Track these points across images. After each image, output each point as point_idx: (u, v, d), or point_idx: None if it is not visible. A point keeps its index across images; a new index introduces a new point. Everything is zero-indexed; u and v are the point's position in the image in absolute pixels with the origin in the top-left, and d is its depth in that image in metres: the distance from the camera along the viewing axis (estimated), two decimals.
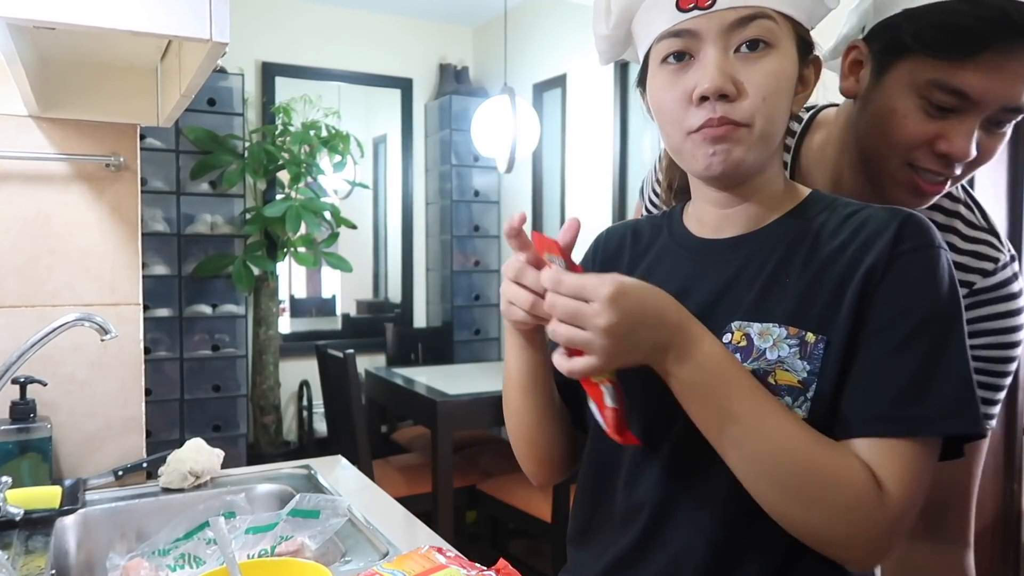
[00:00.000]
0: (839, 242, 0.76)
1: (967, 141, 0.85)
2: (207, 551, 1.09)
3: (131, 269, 1.53)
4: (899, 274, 0.73)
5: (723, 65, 0.74)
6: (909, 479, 0.70)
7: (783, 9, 0.75)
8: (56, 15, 0.84)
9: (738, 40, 0.74)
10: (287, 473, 1.51)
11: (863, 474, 0.70)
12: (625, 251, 0.94)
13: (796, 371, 0.73)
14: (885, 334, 0.72)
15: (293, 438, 4.27)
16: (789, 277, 0.77)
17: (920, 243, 0.74)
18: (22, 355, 1.20)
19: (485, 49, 4.66)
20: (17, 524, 1.18)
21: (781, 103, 0.76)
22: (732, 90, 0.73)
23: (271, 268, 3.89)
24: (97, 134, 1.49)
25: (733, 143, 0.75)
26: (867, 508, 0.69)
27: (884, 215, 0.77)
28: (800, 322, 0.74)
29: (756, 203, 0.82)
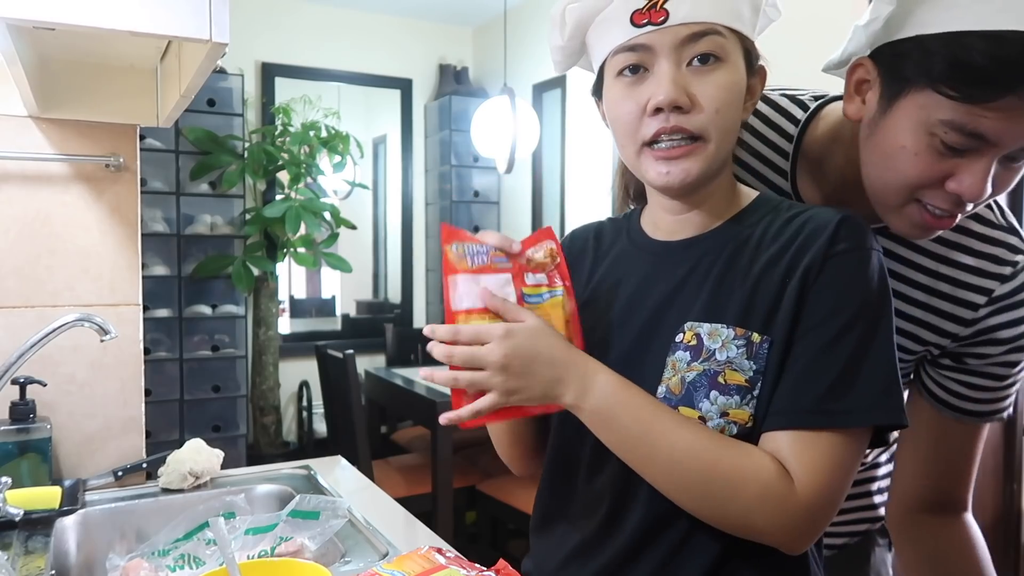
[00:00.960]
0: (781, 244, 0.80)
1: (982, 182, 0.78)
2: (207, 552, 1.09)
3: (131, 270, 1.53)
4: (830, 275, 0.76)
5: (676, 78, 0.77)
6: (823, 469, 0.73)
7: (731, 24, 0.78)
8: (56, 15, 0.84)
9: (690, 54, 0.78)
10: (287, 474, 1.51)
11: (768, 468, 0.74)
12: (588, 253, 0.98)
13: (743, 371, 0.77)
14: (814, 333, 0.76)
15: (293, 439, 4.27)
16: (736, 278, 0.80)
17: (852, 244, 0.77)
18: (22, 355, 1.20)
19: (485, 49, 4.66)
20: (17, 525, 1.18)
21: (732, 114, 0.79)
22: (686, 102, 0.77)
23: (271, 269, 3.89)
24: (97, 134, 1.49)
25: (689, 161, 0.79)
26: (776, 499, 0.73)
27: (824, 216, 0.80)
28: (747, 323, 0.78)
29: (707, 208, 0.86)
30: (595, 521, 0.86)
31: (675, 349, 0.81)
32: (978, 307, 0.95)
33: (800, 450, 0.74)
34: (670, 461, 0.75)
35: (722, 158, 0.81)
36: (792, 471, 0.74)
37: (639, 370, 0.82)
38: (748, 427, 0.77)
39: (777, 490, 0.73)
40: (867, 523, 1.20)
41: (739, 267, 0.81)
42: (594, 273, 0.95)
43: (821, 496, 0.73)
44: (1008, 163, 0.80)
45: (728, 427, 0.77)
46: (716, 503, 0.75)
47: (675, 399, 0.79)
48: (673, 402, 0.79)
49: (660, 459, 0.75)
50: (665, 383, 0.80)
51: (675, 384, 0.79)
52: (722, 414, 0.77)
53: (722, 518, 0.76)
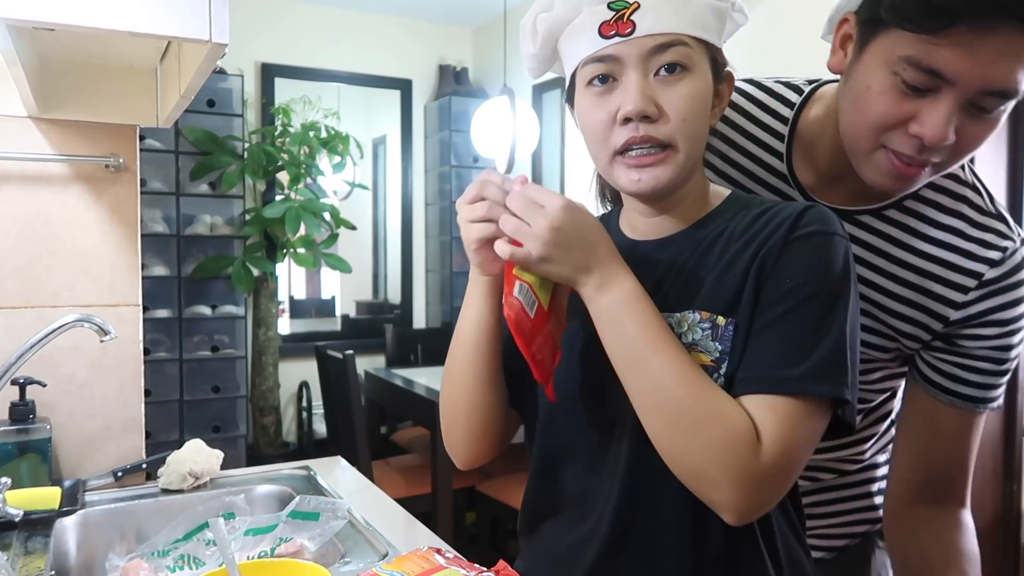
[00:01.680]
0: (749, 236, 0.82)
1: (941, 125, 0.80)
2: (206, 552, 1.09)
3: (130, 270, 1.53)
4: (790, 255, 0.79)
5: (644, 88, 0.79)
6: (784, 434, 0.74)
7: (696, 34, 0.80)
8: (55, 16, 0.84)
9: (657, 64, 0.79)
10: (287, 474, 1.51)
11: (744, 419, 0.75)
12: None
13: (709, 351, 0.80)
14: (772, 307, 0.78)
15: (292, 439, 4.27)
16: (706, 270, 0.83)
17: (815, 228, 0.79)
18: (21, 356, 1.20)
19: (485, 50, 4.67)
20: (16, 525, 1.18)
21: (700, 122, 0.81)
22: (654, 111, 0.79)
23: (270, 269, 3.89)
24: (96, 135, 1.49)
25: (659, 169, 0.81)
26: (741, 449, 0.73)
27: (791, 207, 0.82)
28: (712, 307, 0.80)
29: (680, 209, 0.88)
30: (584, 521, 0.87)
31: None
32: (968, 290, 0.96)
33: (761, 414, 0.75)
34: (658, 378, 0.76)
35: (692, 164, 0.83)
36: (760, 431, 0.75)
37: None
38: None
39: (744, 441, 0.73)
40: (867, 524, 1.20)
41: (710, 260, 0.84)
42: None
43: (780, 461, 0.74)
44: (976, 114, 0.81)
45: None
46: (685, 433, 0.75)
47: None
48: None
49: (649, 373, 0.76)
50: None
51: None
52: None
53: (681, 452, 0.76)
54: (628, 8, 0.79)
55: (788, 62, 2.54)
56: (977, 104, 0.81)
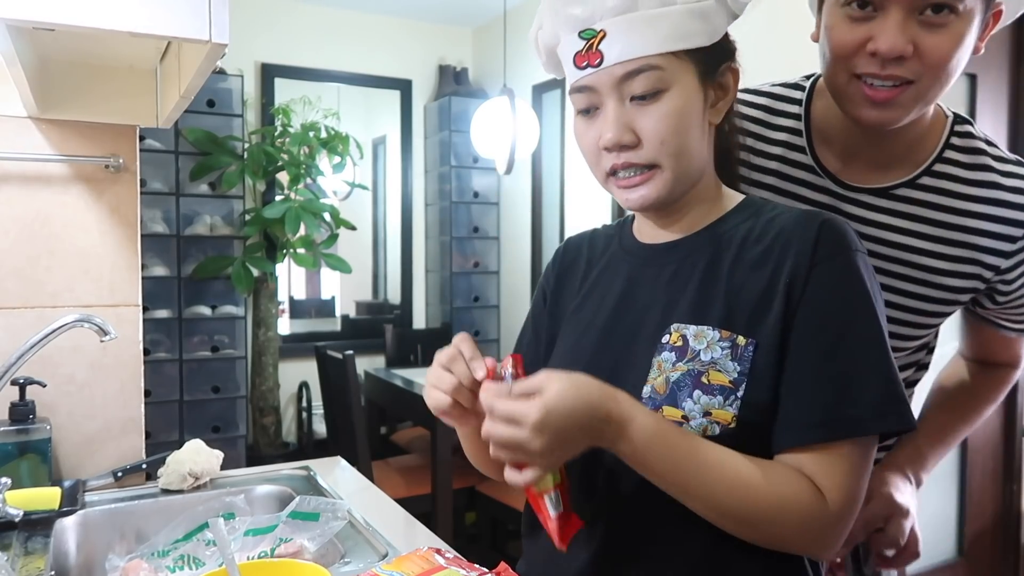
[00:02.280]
0: (763, 246, 0.82)
1: (893, 35, 0.86)
2: (206, 552, 1.09)
3: (130, 270, 1.53)
4: (818, 283, 0.78)
5: (620, 116, 0.80)
6: (848, 481, 0.76)
7: (671, 49, 0.78)
8: (55, 16, 0.84)
9: (630, 92, 0.80)
10: (286, 475, 1.51)
11: (805, 492, 0.75)
12: (581, 260, 1.00)
13: (727, 372, 0.78)
14: (812, 343, 0.77)
15: (292, 439, 4.27)
16: (719, 280, 0.82)
17: (836, 249, 0.78)
18: (21, 356, 1.20)
19: (484, 50, 4.67)
20: (16, 525, 1.18)
21: (683, 138, 0.80)
22: (629, 139, 0.80)
23: (270, 269, 3.89)
24: (96, 135, 1.49)
25: (647, 188, 0.82)
26: (815, 521, 0.75)
27: (801, 219, 0.81)
28: (731, 326, 0.79)
29: (689, 214, 0.88)
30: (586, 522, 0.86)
31: (661, 350, 0.82)
32: (1016, 239, 1.01)
33: (822, 464, 0.75)
34: (708, 499, 0.75)
35: (684, 176, 0.83)
36: (820, 485, 0.76)
37: (627, 371, 0.84)
38: (731, 428, 0.77)
39: (815, 512, 0.75)
40: None
41: (722, 268, 0.83)
42: (587, 279, 0.97)
43: (849, 505, 0.76)
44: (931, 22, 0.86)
45: (711, 427, 0.77)
46: (755, 528, 0.76)
47: (659, 399, 0.80)
48: (657, 402, 0.80)
49: (698, 497, 0.76)
50: (650, 383, 0.82)
51: (660, 384, 0.81)
52: (705, 413, 0.78)
53: (760, 540, 0.78)
54: (596, 37, 0.79)
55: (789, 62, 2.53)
56: (923, 10, 0.86)
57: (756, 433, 0.78)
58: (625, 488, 0.83)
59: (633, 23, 0.77)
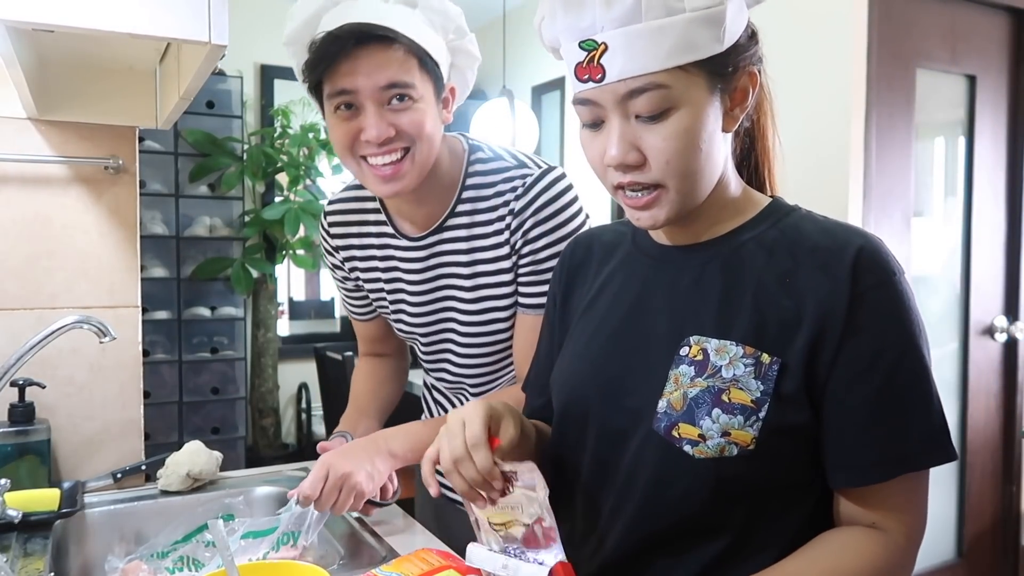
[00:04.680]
0: (792, 263, 0.77)
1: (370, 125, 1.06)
2: (206, 553, 1.09)
3: (130, 271, 1.53)
4: (865, 315, 0.74)
5: (624, 134, 0.74)
6: (913, 515, 0.76)
7: (678, 63, 0.72)
8: (55, 17, 0.84)
9: (634, 110, 0.74)
10: (286, 476, 1.51)
11: (874, 553, 0.75)
12: (592, 259, 0.96)
13: (750, 390, 0.74)
14: (866, 377, 0.74)
15: (292, 440, 4.27)
16: (743, 293, 0.78)
17: (880, 277, 0.75)
18: (21, 358, 1.20)
19: (484, 51, 4.62)
20: (16, 527, 1.18)
21: (691, 157, 0.75)
22: (634, 159, 0.75)
23: (270, 271, 3.89)
24: (96, 136, 1.49)
25: (655, 208, 0.77)
26: (891, 568, 0.75)
27: (836, 239, 0.77)
28: (756, 343, 0.76)
29: (706, 219, 0.83)
30: (592, 533, 0.85)
31: (679, 362, 0.78)
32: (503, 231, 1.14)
33: (888, 505, 0.75)
34: None
35: (693, 194, 0.78)
36: (888, 528, 0.76)
37: (638, 381, 0.81)
38: (749, 449, 0.74)
39: (888, 563, 0.75)
40: None
41: (746, 281, 0.78)
42: (597, 277, 0.93)
43: (917, 537, 0.77)
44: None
45: (728, 447, 0.74)
46: None
47: (675, 415, 0.77)
48: (673, 418, 0.77)
49: None
50: (666, 397, 0.78)
51: (677, 399, 0.77)
52: (723, 433, 0.74)
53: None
54: (596, 50, 0.73)
55: (789, 62, 2.54)
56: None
57: (774, 457, 0.75)
58: (648, 501, 0.80)
59: (636, 36, 0.71)
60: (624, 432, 0.81)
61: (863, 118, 2.45)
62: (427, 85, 1.08)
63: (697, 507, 0.77)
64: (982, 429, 2.77)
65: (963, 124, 2.70)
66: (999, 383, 2.82)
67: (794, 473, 0.77)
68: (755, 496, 0.77)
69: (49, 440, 1.37)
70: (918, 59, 2.55)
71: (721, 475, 0.75)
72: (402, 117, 1.07)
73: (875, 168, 2.48)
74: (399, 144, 1.08)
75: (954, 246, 2.75)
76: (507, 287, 1.18)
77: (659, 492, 0.79)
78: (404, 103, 1.07)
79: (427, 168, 1.13)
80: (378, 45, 1.04)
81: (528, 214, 1.13)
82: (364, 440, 1.18)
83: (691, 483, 0.77)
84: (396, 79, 1.05)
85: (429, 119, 1.09)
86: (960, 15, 2.61)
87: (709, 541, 0.78)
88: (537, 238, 1.13)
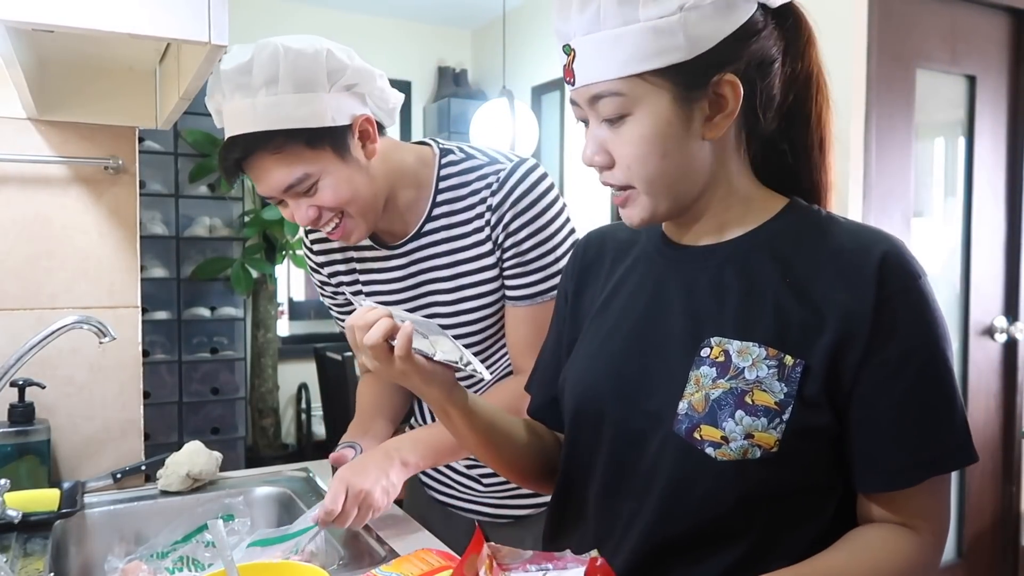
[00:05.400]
0: (815, 265, 0.77)
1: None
2: (205, 554, 1.09)
3: (129, 272, 1.53)
4: (891, 319, 0.73)
5: (595, 136, 0.78)
6: (938, 515, 0.77)
7: (640, 70, 0.72)
8: (55, 18, 0.84)
9: (600, 114, 0.77)
10: (286, 476, 1.51)
11: (905, 552, 0.75)
12: (606, 256, 0.95)
13: (774, 392, 0.74)
14: (891, 383, 0.74)
15: (292, 441, 4.27)
16: (764, 294, 0.77)
17: (906, 281, 0.74)
18: (21, 358, 1.20)
19: (484, 52, 4.67)
20: (15, 527, 1.18)
21: (653, 163, 0.75)
22: (602, 160, 0.78)
23: (270, 271, 3.89)
24: (96, 137, 1.49)
25: (631, 206, 0.79)
26: (922, 567, 0.76)
27: (860, 242, 0.76)
28: (779, 344, 0.75)
29: (714, 218, 0.82)
30: (609, 537, 0.84)
31: (700, 364, 0.77)
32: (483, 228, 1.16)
33: (914, 507, 0.76)
34: None
35: (670, 196, 0.78)
36: (917, 527, 0.76)
37: (658, 382, 0.80)
38: (772, 452, 0.73)
39: (922, 560, 0.76)
40: None
41: (766, 282, 0.78)
42: (611, 276, 0.92)
43: (943, 537, 0.78)
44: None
45: (751, 450, 0.73)
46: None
47: (697, 416, 0.76)
48: (695, 420, 0.76)
49: None
50: (687, 399, 0.77)
51: (698, 401, 0.76)
52: (746, 436, 0.73)
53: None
54: (570, 55, 0.76)
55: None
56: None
57: (796, 460, 0.75)
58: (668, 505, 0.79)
59: (597, 44, 0.73)
60: (642, 434, 0.80)
61: (863, 118, 2.45)
62: (325, 155, 1.09)
63: (718, 511, 0.76)
64: (982, 429, 2.77)
65: (963, 124, 2.70)
66: (999, 383, 2.83)
67: (815, 477, 0.77)
68: (776, 501, 0.76)
69: (49, 440, 1.37)
70: (918, 59, 2.55)
71: (743, 478, 0.74)
72: (317, 200, 1.10)
73: (875, 168, 2.48)
74: (328, 217, 1.13)
75: (954, 246, 2.75)
76: (491, 283, 1.18)
77: (679, 495, 0.77)
78: (311, 191, 1.10)
79: (374, 211, 1.15)
80: (261, 153, 1.07)
81: (506, 207, 1.14)
82: (377, 453, 1.17)
83: (712, 486, 0.76)
84: (289, 181, 1.08)
85: (343, 184, 1.10)
86: (960, 15, 2.61)
87: (727, 548, 0.77)
88: (518, 230, 1.14)
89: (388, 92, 1.17)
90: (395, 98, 1.19)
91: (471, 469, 1.33)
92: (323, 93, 1.07)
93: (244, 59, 1.04)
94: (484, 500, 1.34)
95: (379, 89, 1.15)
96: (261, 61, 1.03)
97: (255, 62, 1.03)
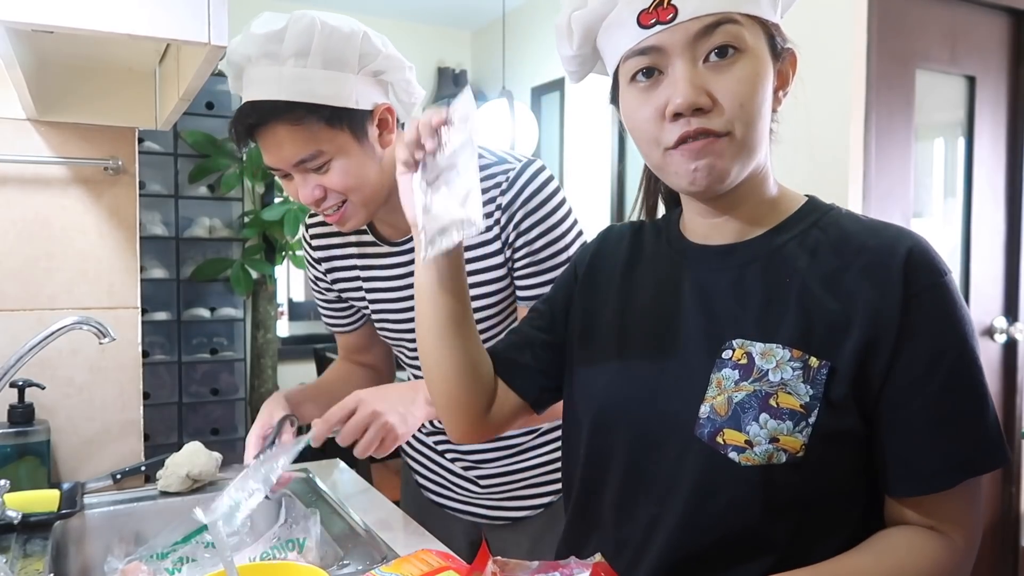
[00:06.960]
0: (838, 264, 0.75)
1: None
2: (205, 554, 1.09)
3: (129, 273, 1.53)
4: (918, 318, 0.71)
5: (693, 78, 0.72)
6: (970, 519, 0.74)
7: (748, 11, 0.73)
8: (55, 18, 0.84)
9: (706, 49, 0.72)
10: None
11: (936, 556, 0.73)
12: (622, 251, 0.92)
13: (799, 395, 0.72)
14: (920, 385, 0.72)
15: None
16: (786, 295, 0.76)
17: (933, 279, 0.73)
18: (20, 359, 1.20)
19: (483, 53, 4.67)
20: (15, 528, 1.18)
21: (759, 107, 0.73)
22: (706, 102, 0.72)
23: (269, 271, 3.89)
24: (95, 138, 1.49)
25: (715, 156, 0.73)
26: (950, 570, 0.73)
27: (884, 239, 0.75)
28: (803, 346, 0.73)
29: (744, 213, 0.80)
30: (626, 545, 0.82)
31: (721, 366, 0.76)
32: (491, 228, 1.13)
33: (946, 510, 0.73)
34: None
35: (753, 154, 0.75)
36: (948, 531, 0.74)
37: (677, 385, 0.78)
38: (799, 456, 0.71)
39: (951, 565, 0.73)
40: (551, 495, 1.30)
41: (788, 283, 0.76)
42: (629, 272, 0.90)
43: (976, 540, 0.75)
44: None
45: (776, 454, 0.71)
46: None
47: (720, 420, 0.74)
48: (717, 424, 0.74)
49: None
50: (709, 402, 0.75)
51: (721, 404, 0.74)
52: (771, 439, 0.71)
53: None
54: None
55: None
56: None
57: (823, 465, 0.72)
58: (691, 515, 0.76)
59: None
60: (662, 438, 0.78)
61: (862, 119, 2.45)
62: (342, 136, 1.08)
63: (743, 519, 0.74)
64: None
65: (963, 125, 2.70)
66: (999, 383, 2.83)
67: (841, 483, 0.74)
68: (802, 509, 0.74)
69: (49, 441, 1.37)
70: (918, 59, 2.55)
71: (769, 484, 0.72)
72: (325, 179, 1.09)
73: (874, 169, 2.48)
74: (332, 200, 1.12)
75: (954, 247, 2.75)
76: (497, 283, 1.18)
77: (702, 502, 0.75)
78: (321, 169, 1.09)
79: (376, 201, 1.14)
80: (278, 123, 1.06)
81: (517, 206, 1.13)
82: (402, 385, 1.14)
83: (737, 492, 0.73)
84: (302, 155, 1.07)
85: (354, 169, 1.09)
86: (960, 15, 2.62)
87: (756, 559, 0.74)
88: (529, 228, 1.13)
89: (414, 85, 1.18)
90: (419, 93, 1.19)
91: (468, 471, 1.33)
92: (351, 74, 1.08)
93: (277, 27, 1.03)
94: (480, 502, 1.34)
95: (406, 81, 1.16)
96: (296, 31, 1.03)
97: (289, 31, 1.03)
